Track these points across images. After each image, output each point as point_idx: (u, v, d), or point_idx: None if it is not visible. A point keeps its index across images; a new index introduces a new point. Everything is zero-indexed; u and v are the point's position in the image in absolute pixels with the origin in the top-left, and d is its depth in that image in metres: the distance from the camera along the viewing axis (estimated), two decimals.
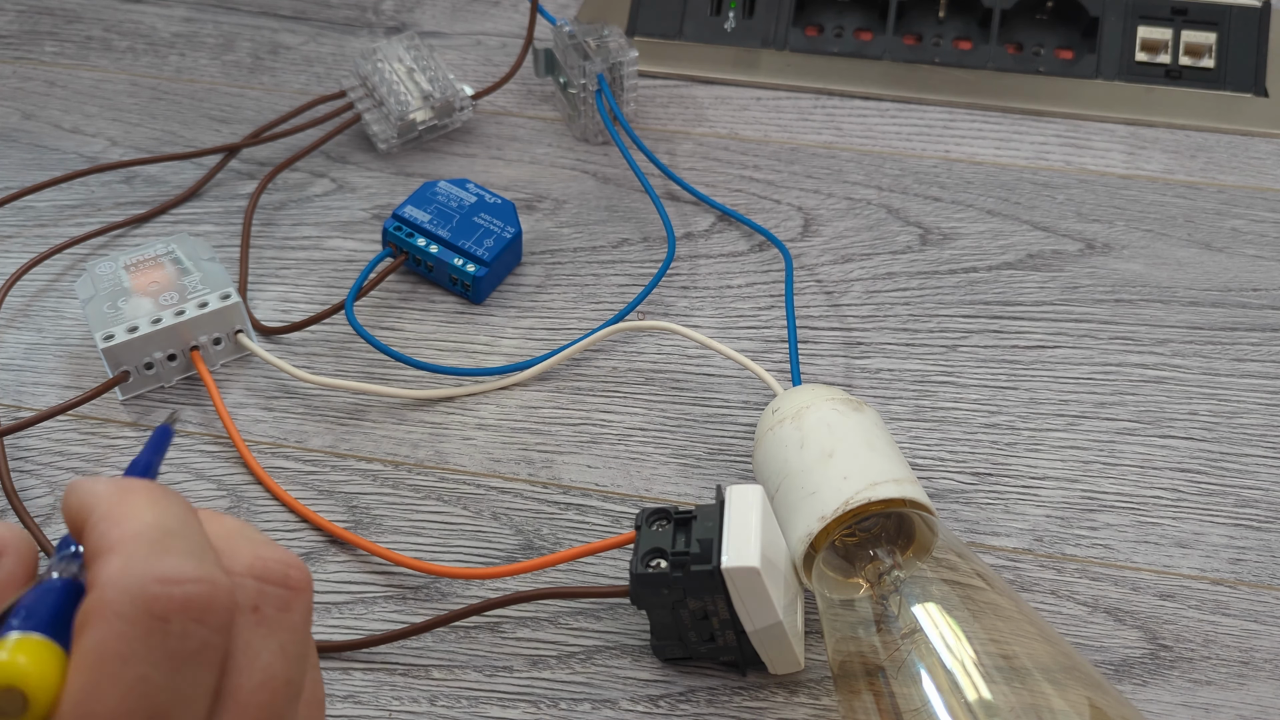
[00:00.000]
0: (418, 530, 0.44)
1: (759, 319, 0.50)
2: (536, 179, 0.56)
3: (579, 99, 0.56)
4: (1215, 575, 0.42)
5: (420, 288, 0.52)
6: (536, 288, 0.51)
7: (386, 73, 0.56)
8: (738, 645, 0.38)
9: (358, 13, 0.64)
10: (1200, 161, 0.56)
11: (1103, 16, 0.59)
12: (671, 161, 0.56)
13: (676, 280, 0.52)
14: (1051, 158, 0.56)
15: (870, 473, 0.38)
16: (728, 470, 0.45)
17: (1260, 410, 0.47)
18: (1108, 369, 0.48)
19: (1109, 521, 0.44)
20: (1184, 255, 0.52)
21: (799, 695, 0.39)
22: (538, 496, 0.45)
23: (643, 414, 0.47)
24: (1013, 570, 0.42)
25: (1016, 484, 0.45)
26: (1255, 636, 0.41)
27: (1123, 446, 0.46)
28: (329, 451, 0.46)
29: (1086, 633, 0.41)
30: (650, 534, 0.38)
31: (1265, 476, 0.45)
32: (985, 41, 0.60)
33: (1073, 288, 0.51)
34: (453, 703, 0.40)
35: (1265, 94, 0.58)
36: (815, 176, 0.56)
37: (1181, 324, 0.49)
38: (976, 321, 0.50)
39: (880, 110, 0.59)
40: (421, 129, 0.56)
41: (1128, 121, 0.58)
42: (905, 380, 0.48)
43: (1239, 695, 0.39)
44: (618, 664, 0.40)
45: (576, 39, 0.56)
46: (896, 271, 0.52)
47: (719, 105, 0.59)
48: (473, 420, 0.47)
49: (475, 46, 0.62)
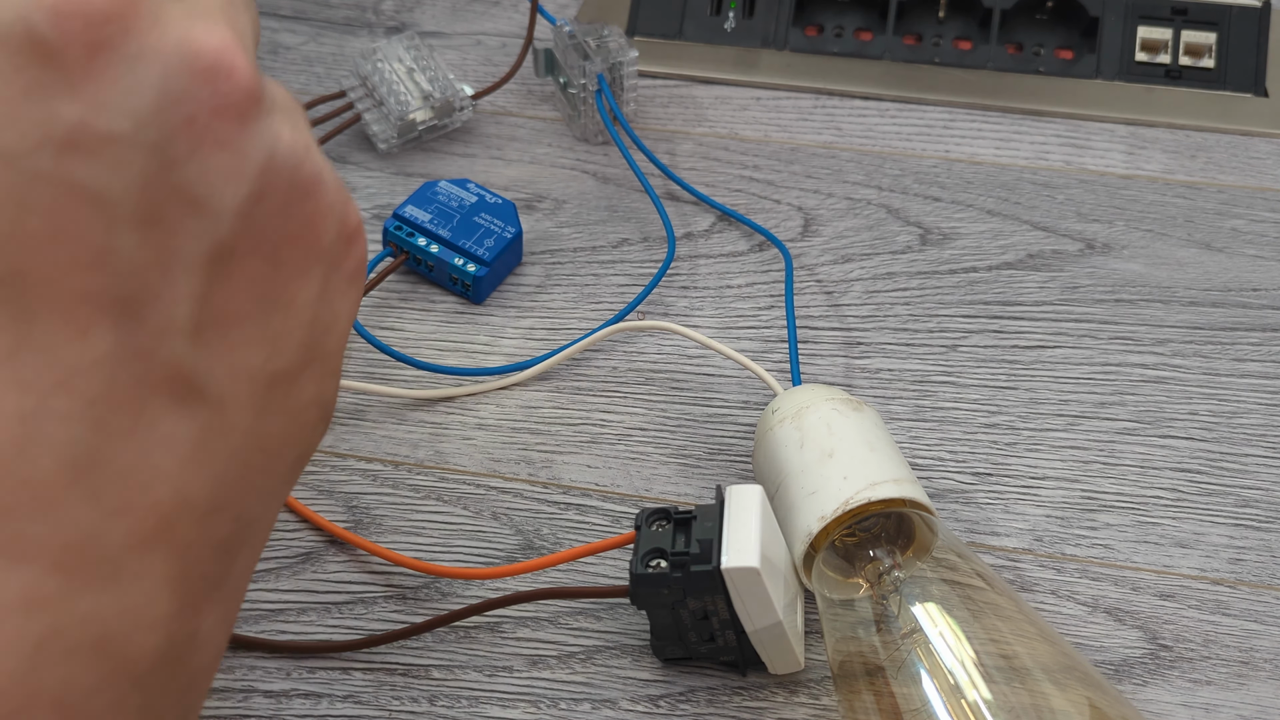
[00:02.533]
0: (418, 530, 0.44)
1: (759, 319, 0.50)
2: (536, 179, 0.56)
3: (579, 99, 0.56)
4: (1215, 575, 0.42)
5: (420, 288, 0.52)
6: (536, 288, 0.51)
7: (386, 73, 0.56)
8: (738, 645, 0.38)
9: (358, 13, 0.64)
10: (1200, 161, 0.56)
11: (1103, 16, 0.59)
12: (671, 161, 0.56)
13: (676, 280, 0.52)
14: (1051, 158, 0.56)
15: (870, 473, 0.38)
16: (728, 470, 0.45)
17: (1260, 410, 0.47)
18: (1108, 369, 0.48)
19: (1109, 521, 0.44)
20: (1184, 255, 0.52)
21: (799, 695, 0.39)
22: (538, 496, 0.45)
23: (643, 414, 0.47)
24: (1013, 570, 0.42)
25: (1016, 484, 0.45)
26: (1255, 636, 0.41)
27: (1123, 446, 0.46)
28: (329, 451, 0.46)
29: (1086, 633, 0.41)
30: (650, 534, 0.38)
31: (1265, 476, 0.45)
32: (985, 41, 0.60)
33: (1073, 288, 0.51)
34: (453, 703, 0.40)
35: (1265, 94, 0.58)
36: (815, 176, 0.56)
37: (1181, 324, 0.49)
38: (976, 321, 0.50)
39: (880, 110, 0.59)
40: (421, 129, 0.57)
41: (1128, 121, 0.58)
42: (905, 380, 0.48)
43: (1239, 695, 0.39)
44: (618, 664, 0.40)
45: (576, 39, 0.56)
46: (896, 271, 0.52)
47: (719, 105, 0.59)
48: (473, 420, 0.47)
49: (475, 46, 0.62)
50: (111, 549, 0.22)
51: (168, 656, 0.24)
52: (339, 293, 0.27)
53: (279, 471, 0.26)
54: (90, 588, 0.22)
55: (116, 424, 0.23)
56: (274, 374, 0.25)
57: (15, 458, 0.22)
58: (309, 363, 0.26)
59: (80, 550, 0.22)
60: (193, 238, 0.23)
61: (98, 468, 0.22)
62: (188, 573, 0.24)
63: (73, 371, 0.22)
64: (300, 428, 0.27)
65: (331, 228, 0.26)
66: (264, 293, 0.25)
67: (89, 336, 0.22)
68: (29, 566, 0.22)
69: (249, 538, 0.26)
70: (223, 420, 0.24)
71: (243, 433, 0.25)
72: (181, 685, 0.24)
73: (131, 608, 0.23)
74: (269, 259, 0.25)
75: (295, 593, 0.42)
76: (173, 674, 0.24)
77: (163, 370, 0.23)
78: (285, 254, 0.25)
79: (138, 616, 0.23)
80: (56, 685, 0.22)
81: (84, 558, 0.22)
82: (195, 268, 0.23)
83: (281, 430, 0.26)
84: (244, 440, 0.25)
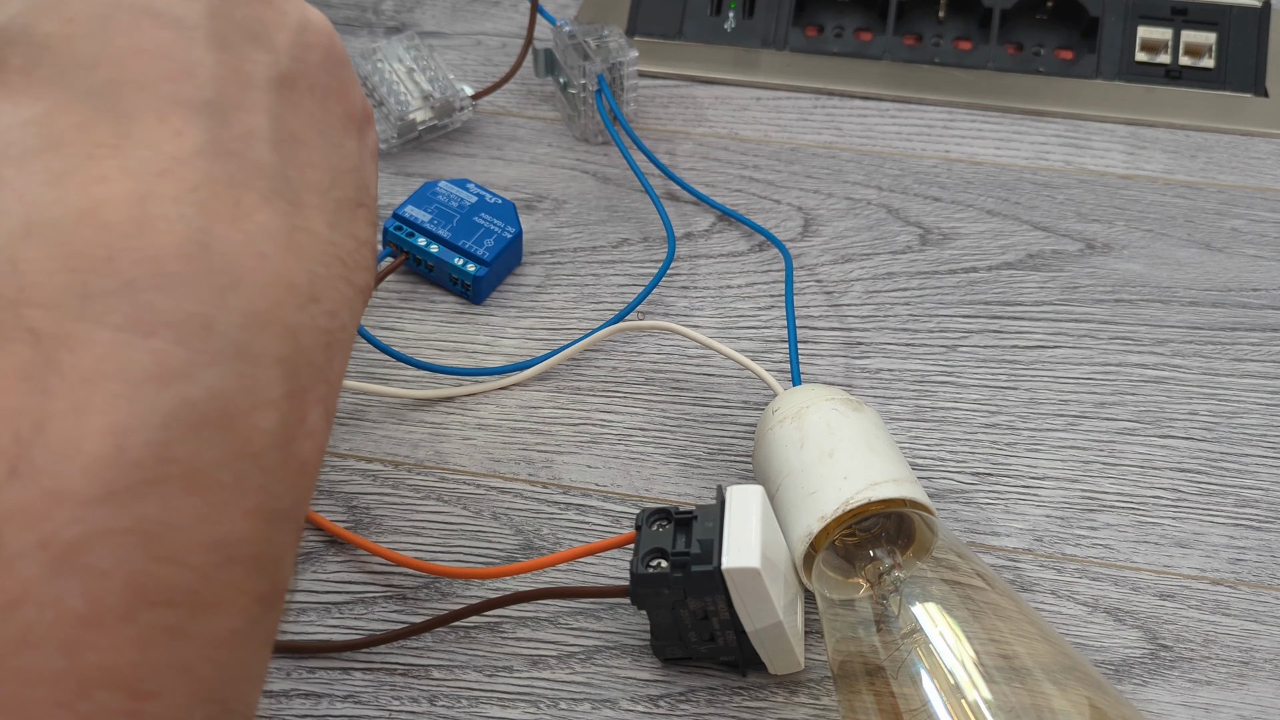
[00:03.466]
0: (418, 530, 0.44)
1: (759, 319, 0.50)
2: (536, 179, 0.56)
3: (579, 99, 0.56)
4: (1215, 575, 0.42)
5: (420, 288, 0.52)
6: (536, 288, 0.51)
7: (386, 73, 0.56)
8: (738, 645, 0.38)
9: (358, 13, 0.64)
10: (1200, 161, 0.56)
11: (1103, 16, 0.59)
12: (671, 161, 0.56)
13: (676, 280, 0.52)
14: (1051, 158, 0.56)
15: (870, 472, 0.38)
16: (728, 470, 0.45)
17: (1260, 410, 0.47)
18: (1108, 369, 0.48)
19: (1109, 521, 0.44)
20: (1184, 255, 0.52)
21: (799, 695, 0.39)
22: (538, 496, 0.45)
23: (643, 414, 0.47)
24: (1013, 570, 0.42)
25: (1016, 484, 0.45)
26: (1255, 636, 0.41)
27: (1123, 446, 0.46)
28: (329, 451, 0.46)
29: (1086, 633, 0.41)
30: (651, 534, 0.38)
31: (1265, 476, 0.45)
32: (985, 41, 0.60)
33: (1073, 288, 0.51)
34: (453, 703, 0.40)
35: (1265, 94, 0.58)
36: (815, 176, 0.56)
37: (1181, 324, 0.49)
38: (976, 321, 0.50)
39: (880, 110, 0.59)
40: (421, 129, 0.57)
41: (1128, 121, 0.58)
42: (905, 380, 0.48)
43: (1239, 695, 0.39)
44: (618, 664, 0.40)
45: (576, 39, 0.56)
46: (896, 271, 0.52)
47: (719, 105, 0.59)
48: (473, 420, 0.47)
49: (475, 46, 0.62)
50: (230, 325, 0.24)
51: (281, 439, 0.25)
52: (368, 160, 0.31)
53: (356, 285, 0.28)
54: (214, 362, 0.23)
55: (219, 209, 0.25)
56: (338, 200, 0.28)
57: (136, 235, 0.24)
58: (359, 204, 0.29)
59: (202, 323, 0.23)
60: (259, 64, 0.27)
61: (209, 246, 0.24)
62: (297, 357, 0.25)
63: (174, 161, 0.25)
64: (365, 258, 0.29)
65: (359, 100, 0.31)
66: (321, 129, 0.29)
67: (184, 135, 0.25)
68: (157, 339, 0.23)
69: (342, 340, 0.28)
70: (306, 222, 0.27)
71: (323, 239, 0.27)
72: (294, 471, 0.25)
73: (251, 385, 0.24)
74: (320, 102, 0.29)
75: (295, 593, 0.42)
76: (286, 458, 0.25)
77: (253, 169, 0.26)
78: (332, 103, 0.29)
79: (256, 394, 0.24)
80: (187, 456, 0.23)
81: (206, 331, 0.23)
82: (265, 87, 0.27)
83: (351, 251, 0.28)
84: (325, 246, 0.27)
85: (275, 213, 0.26)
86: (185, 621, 0.23)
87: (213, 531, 0.23)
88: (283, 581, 0.25)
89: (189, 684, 0.23)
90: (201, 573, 0.23)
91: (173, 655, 0.22)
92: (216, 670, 0.23)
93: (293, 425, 0.25)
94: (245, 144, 0.26)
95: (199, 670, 0.23)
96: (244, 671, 0.24)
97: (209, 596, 0.23)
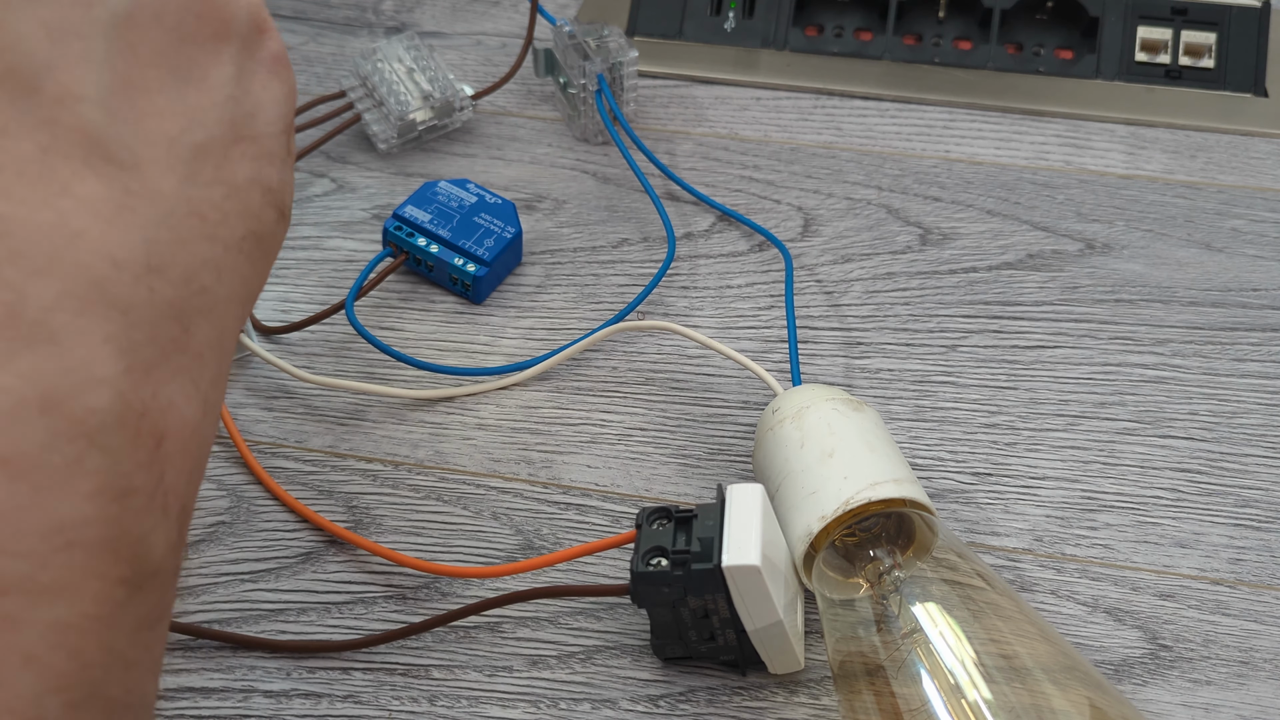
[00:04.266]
0: (418, 530, 0.44)
1: (759, 319, 0.50)
2: (536, 179, 0.56)
3: (579, 99, 0.56)
4: (1215, 575, 0.42)
5: (420, 288, 0.52)
6: (536, 288, 0.51)
7: (386, 73, 0.56)
8: (738, 645, 0.38)
9: (358, 13, 0.64)
10: (1200, 161, 0.56)
11: (1103, 16, 0.59)
12: (671, 161, 0.56)
13: (676, 280, 0.52)
14: (1051, 158, 0.56)
15: (870, 472, 0.38)
16: (728, 470, 0.45)
17: (1260, 410, 0.47)
18: (1108, 369, 0.48)
19: (1109, 521, 0.44)
20: (1184, 255, 0.52)
21: (799, 695, 0.39)
22: (538, 496, 0.45)
23: (643, 414, 0.47)
24: (1013, 570, 0.42)
25: (1016, 484, 0.45)
26: (1255, 636, 0.41)
27: (1123, 446, 0.46)
28: (329, 451, 0.46)
29: (1086, 633, 0.41)
30: (651, 533, 0.38)
31: (1265, 476, 0.45)
32: (985, 41, 0.60)
33: (1073, 288, 0.51)
34: (453, 703, 0.40)
35: (1265, 94, 0.58)
36: (815, 176, 0.56)
37: (1181, 324, 0.49)
38: (976, 321, 0.50)
39: (880, 110, 0.59)
40: (421, 129, 0.57)
41: (1128, 121, 0.58)
42: (905, 380, 0.48)
43: (1239, 695, 0.39)
44: (618, 664, 0.40)
45: (576, 39, 0.56)
46: (896, 271, 0.52)
47: (719, 105, 0.59)
48: (473, 420, 0.47)
49: (475, 46, 0.62)
50: (42, 309, 0.23)
51: (124, 417, 0.24)
52: (258, 80, 0.29)
53: (225, 241, 0.27)
54: (28, 348, 0.23)
55: (25, 190, 0.24)
56: (196, 145, 0.27)
57: None
58: (236, 140, 0.28)
59: (10, 310, 0.23)
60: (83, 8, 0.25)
61: (14, 231, 0.23)
62: (132, 334, 0.24)
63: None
64: (243, 205, 0.28)
65: (241, 15, 0.28)
66: (174, 65, 0.27)
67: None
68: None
69: (204, 306, 0.26)
70: (144, 184, 0.25)
71: (169, 198, 0.26)
72: (146, 448, 0.24)
73: (73, 366, 0.23)
74: (174, 31, 0.27)
75: (295, 593, 0.42)
76: (134, 436, 0.24)
77: (71, 136, 0.24)
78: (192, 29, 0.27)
79: (81, 375, 0.23)
80: (3, 443, 0.22)
81: (15, 318, 0.23)
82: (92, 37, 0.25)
83: (219, 202, 0.27)
84: (172, 205, 0.26)
85: (100, 180, 0.25)
86: (22, 609, 0.22)
87: (45, 517, 0.22)
88: (151, 562, 0.24)
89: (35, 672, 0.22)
90: (36, 559, 0.22)
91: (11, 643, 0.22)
92: (70, 658, 0.23)
93: (137, 404, 0.24)
94: (61, 108, 0.24)
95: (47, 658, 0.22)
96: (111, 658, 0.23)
97: (47, 582, 0.22)
